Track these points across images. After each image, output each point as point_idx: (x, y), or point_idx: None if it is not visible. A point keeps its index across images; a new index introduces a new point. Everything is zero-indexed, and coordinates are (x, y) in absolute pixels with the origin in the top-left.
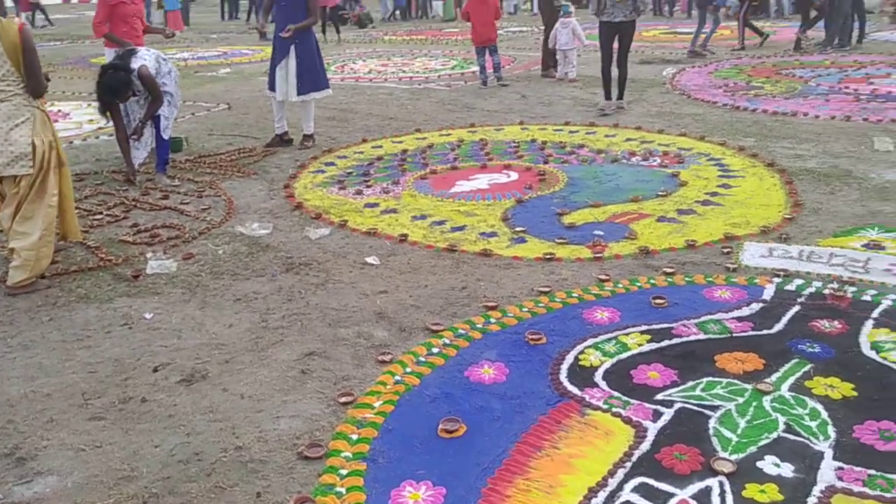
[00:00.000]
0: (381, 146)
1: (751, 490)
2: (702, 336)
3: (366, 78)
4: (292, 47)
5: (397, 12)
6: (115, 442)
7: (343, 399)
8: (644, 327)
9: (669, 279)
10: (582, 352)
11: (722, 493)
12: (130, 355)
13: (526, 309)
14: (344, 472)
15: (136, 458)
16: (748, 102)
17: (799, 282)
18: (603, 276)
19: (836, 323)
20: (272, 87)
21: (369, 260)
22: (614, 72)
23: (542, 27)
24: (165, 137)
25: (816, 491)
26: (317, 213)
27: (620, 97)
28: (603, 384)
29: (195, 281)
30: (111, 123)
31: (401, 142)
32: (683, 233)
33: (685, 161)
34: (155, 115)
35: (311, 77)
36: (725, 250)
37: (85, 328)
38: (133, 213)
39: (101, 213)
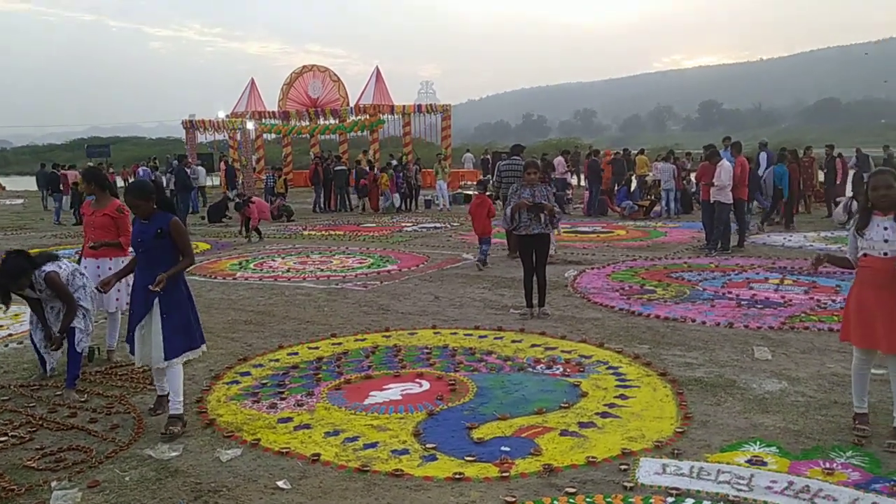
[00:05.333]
0: (297, 353)
1: None
2: None
3: (284, 277)
4: (156, 299)
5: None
6: None
7: None
8: None
9: (571, 500)
10: None
11: None
12: None
13: None
14: None
15: None
16: (642, 307)
17: (690, 501)
18: (509, 498)
19: None
20: (132, 350)
21: (280, 484)
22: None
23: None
24: (79, 350)
25: None
26: (229, 430)
27: (542, 304)
28: None
29: None
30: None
31: (317, 348)
32: (584, 447)
33: (586, 369)
34: (69, 328)
35: (183, 336)
36: (623, 467)
37: None
38: (39, 434)
39: (5, 434)
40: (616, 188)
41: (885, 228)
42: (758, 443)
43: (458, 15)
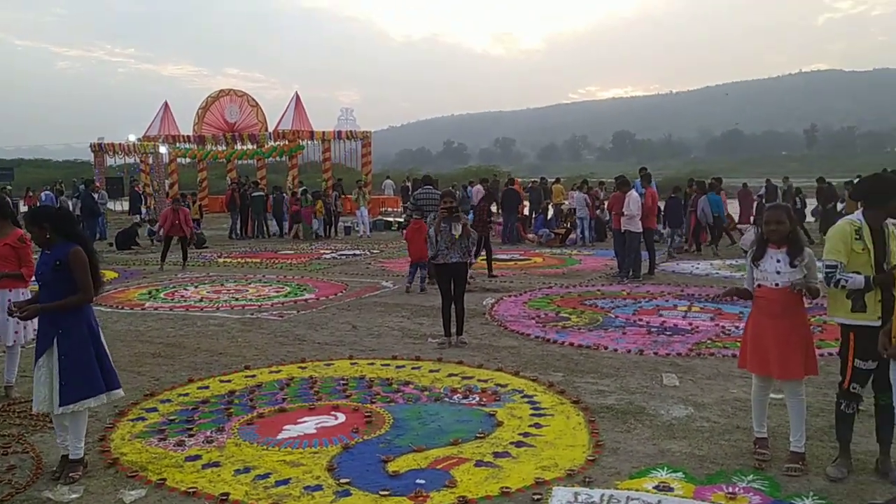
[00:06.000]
0: (207, 386)
1: None
2: None
3: (196, 307)
4: (55, 338)
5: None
6: None
7: None
8: None
9: None
10: None
11: None
12: None
13: None
14: None
15: None
16: (557, 335)
17: None
18: None
19: None
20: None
21: None
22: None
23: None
24: None
25: None
26: (133, 470)
27: (460, 333)
28: None
29: None
30: None
31: (229, 381)
32: (499, 478)
33: (502, 398)
34: None
35: (81, 382)
36: (536, 497)
37: None
38: None
39: None
40: (533, 216)
41: (778, 261)
42: (665, 469)
43: (378, 42)
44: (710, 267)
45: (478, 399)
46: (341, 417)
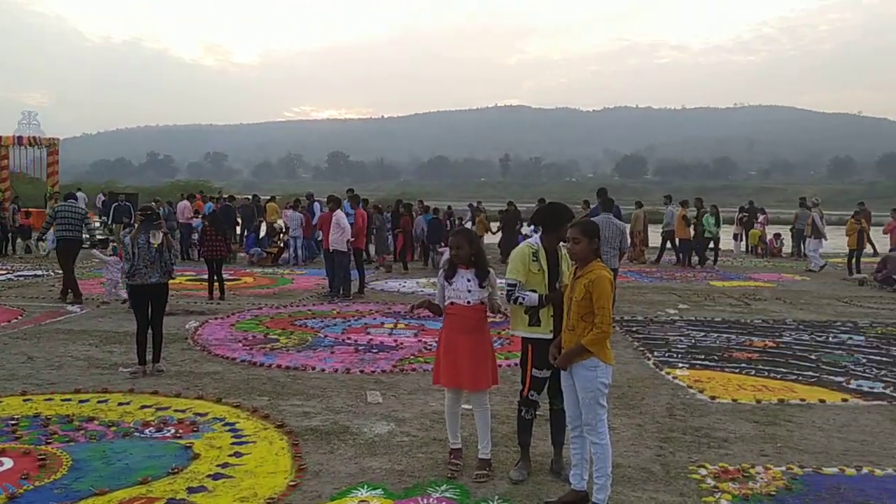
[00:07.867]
0: None
1: None
2: None
3: None
4: None
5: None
6: None
7: None
8: None
9: None
10: None
11: None
12: None
13: None
14: None
15: None
16: (265, 357)
17: None
18: None
19: None
20: None
21: None
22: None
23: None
24: None
25: None
26: None
27: (157, 360)
28: None
29: None
30: None
31: None
32: None
33: (200, 429)
34: None
35: None
36: None
37: None
38: None
39: None
40: (245, 234)
41: (469, 280)
42: (366, 487)
43: (71, 42)
44: (416, 285)
45: (173, 431)
46: (8, 463)
